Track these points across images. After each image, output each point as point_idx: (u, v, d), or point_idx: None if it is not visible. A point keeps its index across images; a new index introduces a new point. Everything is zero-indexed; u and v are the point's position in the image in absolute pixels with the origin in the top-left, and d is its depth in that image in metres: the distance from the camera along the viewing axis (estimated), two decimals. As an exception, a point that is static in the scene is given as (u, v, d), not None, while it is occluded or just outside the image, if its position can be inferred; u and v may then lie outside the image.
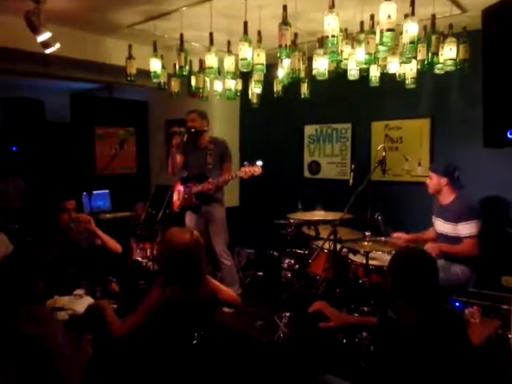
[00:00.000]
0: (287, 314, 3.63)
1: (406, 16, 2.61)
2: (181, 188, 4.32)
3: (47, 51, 3.24)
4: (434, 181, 3.46)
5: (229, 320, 3.56)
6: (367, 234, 3.32)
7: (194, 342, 2.27)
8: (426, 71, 3.32)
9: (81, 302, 2.61)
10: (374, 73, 3.47)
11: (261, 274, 5.17)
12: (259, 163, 3.84)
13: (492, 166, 4.00)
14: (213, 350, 2.38)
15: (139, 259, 4.36)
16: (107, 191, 5.71)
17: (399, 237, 3.62)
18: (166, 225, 4.02)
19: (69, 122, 6.04)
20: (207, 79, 3.81)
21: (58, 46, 3.27)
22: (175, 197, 4.35)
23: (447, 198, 3.44)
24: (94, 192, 5.38)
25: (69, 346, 1.82)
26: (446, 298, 3.33)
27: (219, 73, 3.36)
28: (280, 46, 2.68)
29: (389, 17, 2.38)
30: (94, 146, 6.03)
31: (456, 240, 3.33)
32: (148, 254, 4.29)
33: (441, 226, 3.46)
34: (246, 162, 3.92)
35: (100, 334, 2.23)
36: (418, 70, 3.34)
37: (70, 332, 2.32)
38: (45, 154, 5.74)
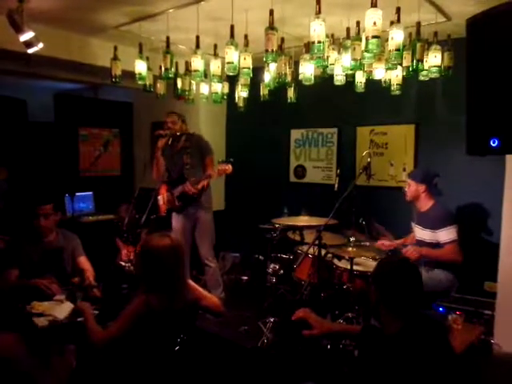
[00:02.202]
0: (272, 320, 3.61)
1: (392, 23, 2.62)
2: (165, 192, 4.29)
3: (30, 51, 3.18)
4: (411, 188, 3.49)
5: (212, 325, 3.52)
6: (351, 239, 3.33)
7: (177, 348, 2.24)
8: (411, 78, 3.35)
9: (61, 308, 2.55)
10: (360, 78, 3.49)
11: (245, 278, 5.16)
12: (230, 161, 3.84)
13: (475, 173, 4.04)
14: (196, 357, 2.35)
15: (122, 263, 4.30)
16: (90, 193, 5.62)
17: (383, 244, 3.64)
18: (151, 228, 3.98)
19: (52, 123, 5.94)
20: (193, 82, 3.79)
21: (41, 45, 3.22)
22: (161, 201, 4.31)
23: (425, 204, 3.48)
24: (77, 194, 5.30)
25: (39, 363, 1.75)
26: (429, 303, 3.35)
27: (205, 76, 3.34)
28: (266, 50, 2.68)
29: (374, 24, 2.39)
30: (78, 147, 5.95)
31: (435, 246, 3.36)
32: (131, 257, 4.23)
33: (419, 232, 3.49)
34: (219, 160, 3.90)
35: (83, 343, 2.18)
36: (403, 76, 3.36)
37: (52, 341, 2.27)
38: (27, 155, 5.64)
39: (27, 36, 3.09)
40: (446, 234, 3.28)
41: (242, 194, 5.72)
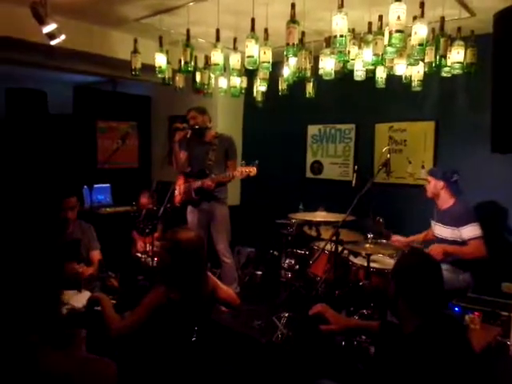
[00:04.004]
0: (286, 315, 3.61)
1: (415, 18, 2.58)
2: (182, 183, 4.31)
3: (52, 43, 3.21)
4: (431, 184, 3.49)
5: (227, 319, 3.54)
6: (369, 235, 3.30)
7: (193, 339, 2.25)
8: (431, 74, 3.30)
9: (79, 297, 2.59)
10: (381, 74, 3.45)
11: (260, 273, 5.16)
12: (255, 163, 3.81)
13: (496, 172, 3.98)
14: (211, 349, 2.36)
15: (138, 255, 4.33)
16: (108, 185, 5.68)
17: (398, 240, 3.62)
18: (166, 221, 4.00)
19: (71, 115, 6.00)
20: (212, 76, 3.79)
21: (63, 37, 3.24)
22: (176, 191, 4.33)
23: (446, 202, 3.44)
24: (95, 186, 5.36)
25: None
26: (445, 302, 3.32)
27: (224, 69, 3.34)
28: (287, 44, 2.66)
29: (398, 18, 2.36)
30: (96, 140, 6.01)
31: (457, 244, 3.32)
32: (147, 249, 4.26)
33: (440, 230, 3.46)
34: (242, 162, 3.91)
35: (97, 329, 2.21)
36: (424, 72, 3.31)
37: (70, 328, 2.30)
38: (46, 146, 5.71)
39: (50, 28, 3.11)
40: (471, 231, 3.24)
41: (257, 189, 5.72)
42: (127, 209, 5.12)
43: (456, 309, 3.39)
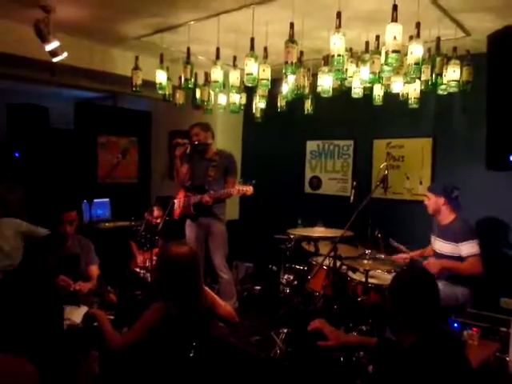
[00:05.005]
0: (284, 330, 3.60)
1: (411, 38, 2.64)
2: (182, 197, 4.34)
3: (55, 60, 3.27)
4: (431, 200, 3.48)
5: (225, 334, 3.52)
6: (367, 251, 3.31)
7: (191, 355, 2.25)
8: (428, 91, 3.35)
9: (78, 312, 2.59)
10: (378, 92, 3.50)
11: (258, 288, 5.15)
12: (252, 183, 3.85)
13: (493, 188, 4.01)
14: (209, 364, 2.36)
15: (137, 270, 4.33)
16: (107, 200, 5.69)
17: (400, 257, 3.63)
18: (165, 234, 4.00)
19: (72, 130, 6.05)
20: (212, 92, 3.84)
21: (65, 54, 3.30)
22: (176, 205, 4.36)
23: (446, 218, 3.45)
24: (95, 200, 5.37)
25: None
26: (444, 318, 3.31)
27: (224, 86, 3.39)
28: (286, 62, 2.71)
29: (395, 38, 2.40)
30: (97, 155, 6.03)
31: (456, 260, 3.32)
32: (146, 263, 4.26)
33: (439, 245, 3.46)
34: (240, 180, 3.94)
35: (105, 349, 2.21)
36: (421, 90, 3.36)
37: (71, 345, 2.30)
38: (47, 161, 5.74)
39: (52, 45, 3.17)
40: (469, 248, 3.24)
41: (256, 204, 5.73)
42: (126, 224, 5.12)
43: (455, 324, 3.39)
